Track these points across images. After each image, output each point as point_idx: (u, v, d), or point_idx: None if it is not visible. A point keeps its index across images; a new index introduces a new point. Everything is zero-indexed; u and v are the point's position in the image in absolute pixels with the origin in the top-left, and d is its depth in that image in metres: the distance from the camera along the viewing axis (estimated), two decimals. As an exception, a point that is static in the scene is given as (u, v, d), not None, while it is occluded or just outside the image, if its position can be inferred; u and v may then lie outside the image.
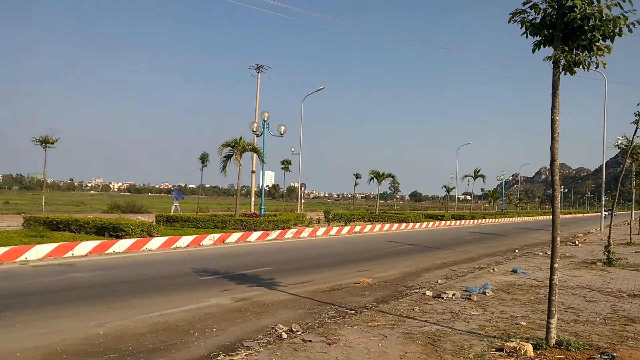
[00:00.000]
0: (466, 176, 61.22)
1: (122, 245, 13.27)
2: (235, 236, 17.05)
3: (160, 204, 58.70)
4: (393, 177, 47.20)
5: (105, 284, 8.93)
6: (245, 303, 7.51)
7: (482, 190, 75.59)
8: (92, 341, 5.42)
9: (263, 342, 5.47)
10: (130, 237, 14.12)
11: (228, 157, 21.86)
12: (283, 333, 5.75)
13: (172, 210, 30.60)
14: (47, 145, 21.69)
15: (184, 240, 15.00)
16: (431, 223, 34.28)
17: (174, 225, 20.28)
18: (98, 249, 12.60)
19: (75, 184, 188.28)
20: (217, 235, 16.36)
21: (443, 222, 36.08)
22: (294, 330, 5.89)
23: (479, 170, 60.38)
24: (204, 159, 33.05)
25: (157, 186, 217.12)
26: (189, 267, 10.92)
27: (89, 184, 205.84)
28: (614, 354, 4.77)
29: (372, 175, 43.18)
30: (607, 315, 6.75)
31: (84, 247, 12.37)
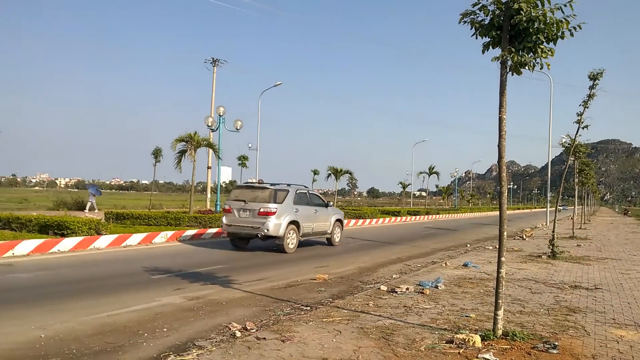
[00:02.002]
0: (421, 173, 62.86)
1: (67, 243, 12.69)
2: (189, 233, 16.68)
3: (110, 200, 56.79)
4: (351, 173, 47.71)
5: (49, 285, 8.50)
6: (198, 302, 7.36)
7: (437, 186, 77.80)
8: (32, 345, 5.14)
9: (216, 341, 5.37)
10: (76, 235, 13.52)
11: (182, 153, 21.33)
12: (237, 331, 5.67)
13: (87, 208, 28.92)
14: (-13, 139, 20.44)
15: (135, 238, 14.53)
16: (388, 219, 34.83)
17: (125, 222, 19.62)
18: (41, 248, 12.00)
19: (19, 179, 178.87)
20: (170, 233, 15.94)
21: (399, 218, 36.75)
22: (248, 328, 5.83)
23: (433, 168, 62.08)
24: (156, 154, 32.17)
25: (108, 182, 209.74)
26: (140, 265, 10.59)
27: (34, 180, 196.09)
28: (556, 343, 4.99)
29: (330, 172, 43.50)
30: (550, 306, 7.06)
31: (26, 246, 11.74)
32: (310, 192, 15.72)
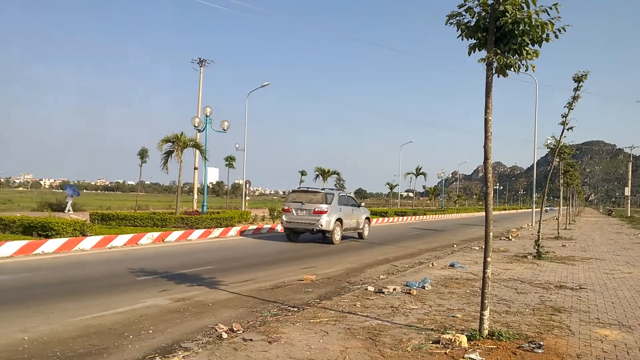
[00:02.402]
0: (408, 174, 63.20)
1: (51, 245, 12.50)
2: (175, 234, 16.55)
3: (95, 201, 56.16)
4: (338, 174, 47.82)
5: (32, 287, 8.37)
6: (185, 303, 7.30)
7: (424, 187, 78.29)
8: (15, 347, 5.05)
9: (202, 343, 5.33)
10: (61, 237, 13.34)
11: (169, 153, 21.19)
12: (223, 333, 5.63)
13: (66, 209, 28.27)
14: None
15: (121, 239, 14.37)
16: (375, 219, 34.87)
17: (110, 223, 19.42)
18: (25, 250, 11.80)
19: (2, 180, 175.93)
20: (156, 234, 15.80)
21: (386, 219, 36.86)
22: (235, 329, 5.78)
23: (420, 168, 62.46)
24: (143, 154, 31.93)
25: (93, 183, 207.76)
26: (125, 267, 10.47)
27: (17, 180, 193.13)
28: (541, 342, 5.04)
29: (318, 173, 43.48)
30: (535, 305, 7.13)
31: (9, 248, 11.54)
32: (348, 195, 19.33)
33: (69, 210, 28.33)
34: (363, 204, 20.31)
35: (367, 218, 19.72)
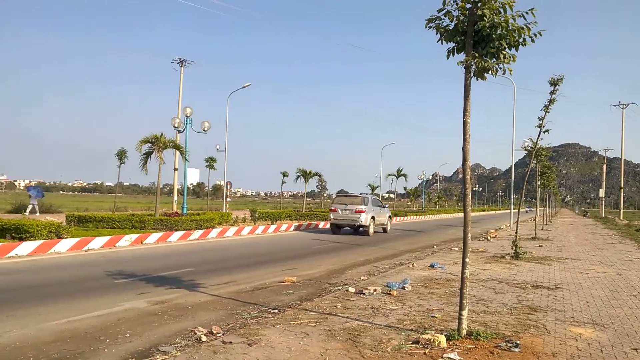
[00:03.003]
0: (390, 175, 63.47)
1: (26, 247, 12.20)
2: (154, 236, 16.34)
3: (72, 203, 55.07)
4: (320, 175, 47.74)
5: (6, 290, 8.14)
6: (163, 306, 7.20)
7: (405, 188, 78.72)
8: (-14, 354, 4.92)
9: (180, 346, 5.26)
10: (35, 239, 13.04)
11: (148, 154, 20.91)
12: (202, 335, 5.58)
13: (27, 211, 27.16)
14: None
15: (98, 242, 14.12)
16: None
17: (87, 225, 19.05)
18: (-2, 253, 11.50)
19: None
20: (135, 236, 15.57)
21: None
22: (214, 332, 5.73)
23: (401, 170, 62.80)
24: (121, 155, 31.43)
25: (70, 184, 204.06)
26: (103, 269, 10.29)
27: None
28: (518, 342, 5.12)
29: (299, 174, 43.32)
30: (513, 305, 7.24)
31: (-18, 251, 11.24)
32: (377, 198, 24.99)
33: (33, 212, 27.27)
34: (387, 205, 25.49)
35: (390, 216, 25.03)
